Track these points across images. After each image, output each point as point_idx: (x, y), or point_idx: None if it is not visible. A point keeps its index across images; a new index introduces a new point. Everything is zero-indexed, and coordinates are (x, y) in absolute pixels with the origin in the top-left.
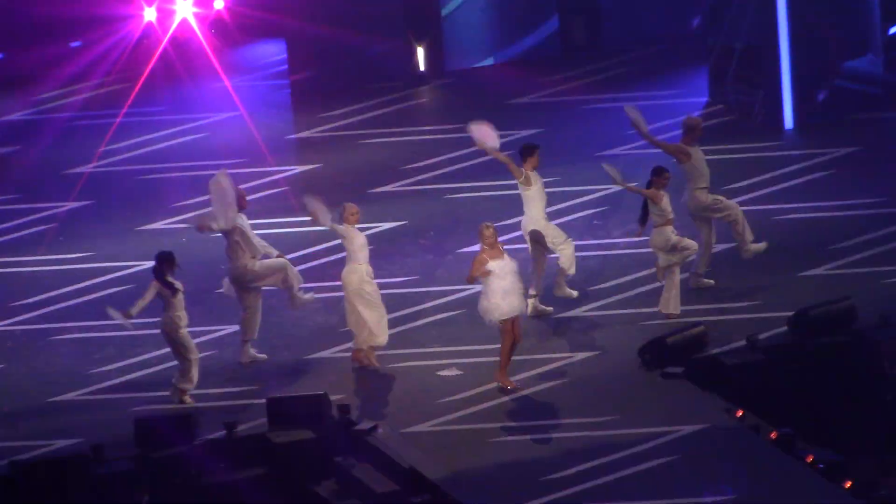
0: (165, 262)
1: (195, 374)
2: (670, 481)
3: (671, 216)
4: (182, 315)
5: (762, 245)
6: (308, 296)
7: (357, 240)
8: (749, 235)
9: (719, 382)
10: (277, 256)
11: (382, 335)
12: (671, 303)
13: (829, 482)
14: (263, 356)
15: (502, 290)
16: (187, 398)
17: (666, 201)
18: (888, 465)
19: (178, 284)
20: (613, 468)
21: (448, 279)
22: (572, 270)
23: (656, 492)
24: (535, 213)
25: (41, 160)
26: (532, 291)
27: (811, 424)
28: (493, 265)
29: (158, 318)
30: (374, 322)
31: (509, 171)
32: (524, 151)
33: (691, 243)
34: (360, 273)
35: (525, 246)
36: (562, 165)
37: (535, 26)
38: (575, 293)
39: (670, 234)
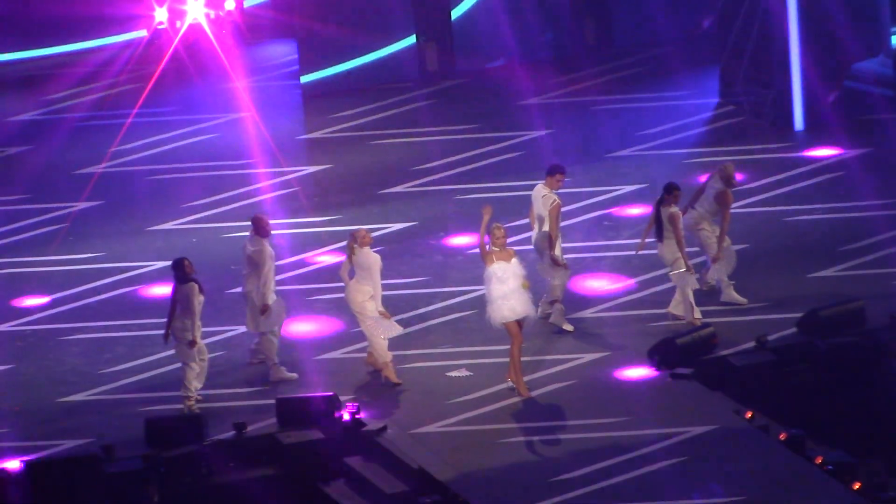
0: (182, 267)
1: (190, 381)
2: (680, 482)
3: (683, 232)
4: (199, 325)
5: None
6: (290, 374)
7: (376, 263)
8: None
9: (729, 383)
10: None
11: (383, 352)
12: (682, 305)
13: (839, 483)
14: (294, 375)
15: (501, 294)
16: (191, 403)
17: (681, 218)
18: None
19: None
20: (622, 469)
21: (458, 280)
22: (559, 295)
23: (666, 493)
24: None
25: (52, 160)
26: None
27: (821, 425)
28: (496, 267)
29: (166, 319)
30: (380, 347)
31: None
32: (555, 169)
33: (692, 270)
34: (364, 293)
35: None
36: (572, 166)
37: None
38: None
39: (677, 250)
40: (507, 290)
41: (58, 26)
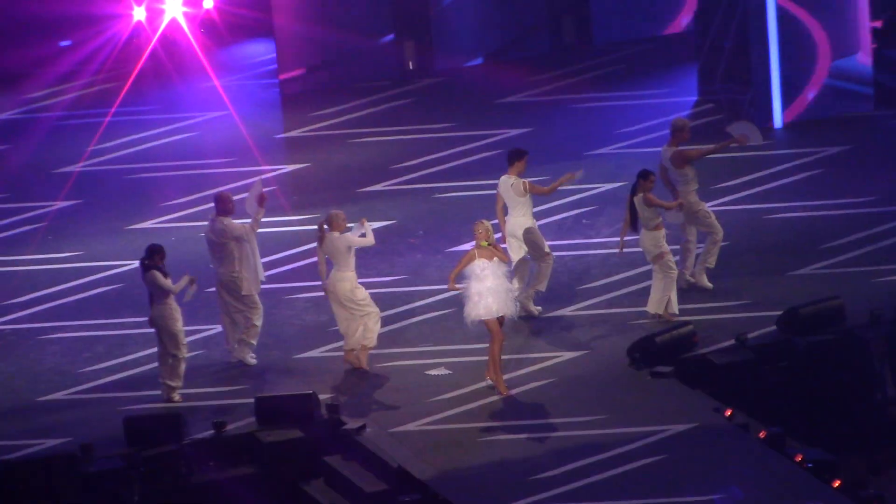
0: (157, 253)
1: (182, 371)
2: (659, 481)
3: (659, 220)
4: (177, 308)
5: (707, 283)
6: (251, 359)
7: (348, 249)
8: (712, 261)
9: (708, 381)
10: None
11: (373, 335)
12: (660, 303)
13: (819, 481)
14: (255, 362)
15: (478, 291)
16: (176, 396)
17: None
18: (877, 464)
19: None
20: (602, 467)
21: (437, 278)
22: (543, 287)
23: (645, 491)
24: (528, 217)
25: (30, 159)
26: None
27: (800, 423)
28: (476, 265)
29: (145, 318)
30: (371, 322)
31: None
32: (515, 157)
33: (674, 266)
34: (350, 280)
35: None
36: (550, 164)
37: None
38: (538, 309)
39: (660, 239)
40: (483, 287)
41: (35, 25)
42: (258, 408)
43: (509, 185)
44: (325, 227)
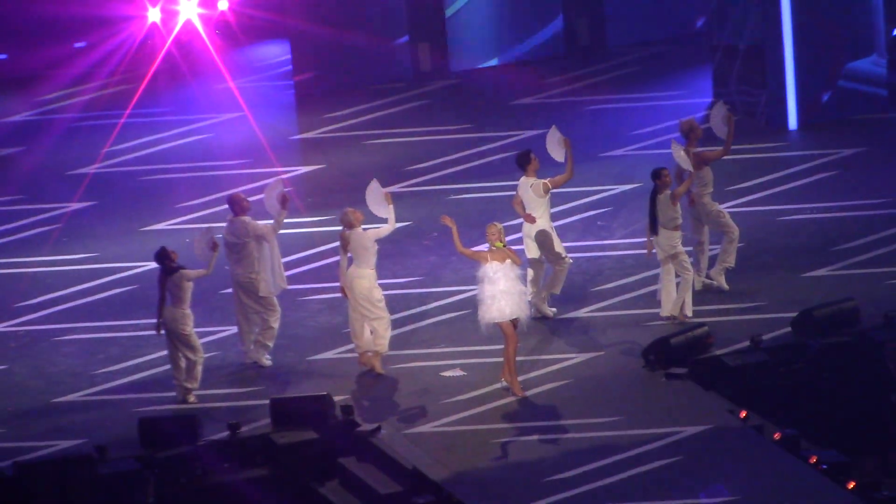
0: (168, 256)
1: (199, 373)
2: (674, 482)
3: (680, 220)
4: (190, 313)
5: (725, 284)
6: (266, 361)
7: (373, 245)
8: (731, 260)
9: (723, 383)
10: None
11: (384, 341)
12: (675, 305)
13: (833, 483)
14: (269, 363)
15: (491, 294)
16: (191, 397)
17: (679, 204)
18: (892, 466)
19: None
20: (617, 469)
21: (452, 280)
22: (557, 290)
23: (660, 493)
24: (545, 220)
25: (45, 161)
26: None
27: (815, 425)
28: (488, 268)
29: (155, 320)
30: (381, 328)
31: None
32: (524, 160)
33: (689, 267)
34: (369, 278)
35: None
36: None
37: (539, 27)
38: (553, 311)
39: (677, 240)
40: (496, 290)
41: (50, 26)
42: (273, 409)
43: (528, 185)
44: (346, 231)
